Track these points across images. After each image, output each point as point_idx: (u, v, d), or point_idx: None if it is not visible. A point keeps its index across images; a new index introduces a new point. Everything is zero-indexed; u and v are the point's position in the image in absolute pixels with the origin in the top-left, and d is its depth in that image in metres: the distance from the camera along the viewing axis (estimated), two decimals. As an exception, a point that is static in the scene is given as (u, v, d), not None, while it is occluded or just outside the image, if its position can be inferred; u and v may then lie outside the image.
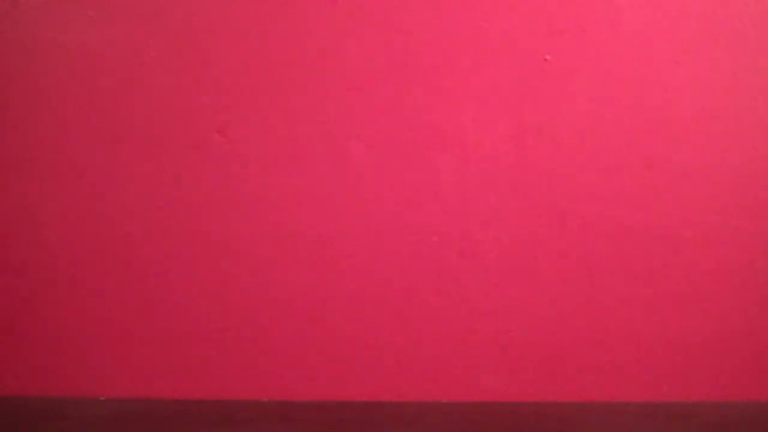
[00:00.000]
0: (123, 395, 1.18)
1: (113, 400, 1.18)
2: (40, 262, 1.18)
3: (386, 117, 1.16)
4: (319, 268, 1.17)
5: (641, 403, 1.15)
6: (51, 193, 1.18)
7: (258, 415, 1.12)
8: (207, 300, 1.18)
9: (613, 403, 1.16)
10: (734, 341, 1.16)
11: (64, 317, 1.18)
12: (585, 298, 1.16)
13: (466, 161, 1.16)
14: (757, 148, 1.15)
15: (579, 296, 1.16)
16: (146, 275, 1.18)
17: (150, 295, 1.18)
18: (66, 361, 1.19)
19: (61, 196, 1.17)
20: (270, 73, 1.16)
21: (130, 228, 1.18)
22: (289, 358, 1.18)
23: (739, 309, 1.16)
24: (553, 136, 1.16)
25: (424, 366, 1.17)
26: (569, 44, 1.15)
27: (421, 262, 1.17)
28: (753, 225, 1.15)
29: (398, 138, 1.16)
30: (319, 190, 1.17)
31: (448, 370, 1.17)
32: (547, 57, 1.15)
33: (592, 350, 1.16)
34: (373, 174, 1.17)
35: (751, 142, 1.15)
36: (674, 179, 1.15)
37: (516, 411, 1.13)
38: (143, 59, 1.16)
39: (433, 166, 1.16)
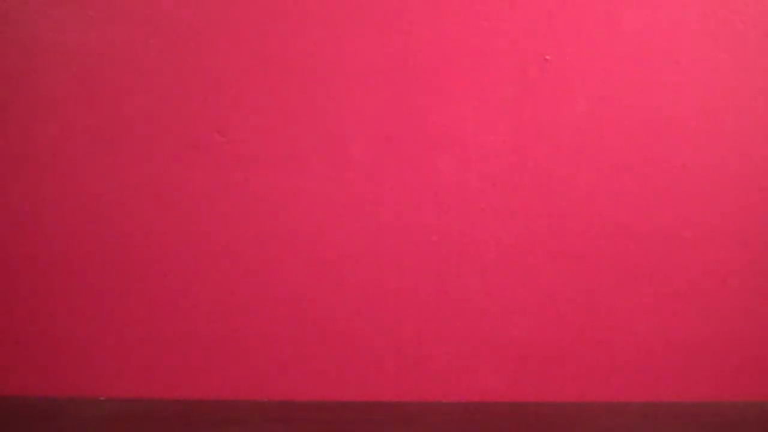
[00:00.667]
0: (123, 395, 1.18)
1: (113, 400, 1.17)
2: (40, 262, 1.18)
3: (386, 117, 1.16)
4: (319, 268, 1.17)
5: (641, 403, 1.15)
6: (51, 193, 1.17)
7: (258, 415, 1.12)
8: (207, 300, 1.18)
9: (613, 403, 1.16)
10: (734, 341, 1.16)
11: (64, 317, 1.18)
12: (585, 298, 1.16)
13: (466, 161, 1.16)
14: (757, 148, 1.15)
15: (579, 296, 1.16)
16: (146, 275, 1.18)
17: (150, 295, 1.18)
18: (66, 361, 1.19)
19: (61, 196, 1.17)
20: (270, 73, 1.16)
21: (129, 228, 1.18)
22: (289, 358, 1.18)
23: (739, 309, 1.16)
24: (553, 136, 1.16)
25: (424, 366, 1.17)
26: (569, 44, 1.15)
27: (421, 262, 1.17)
28: (753, 225, 1.15)
29: (398, 138, 1.16)
30: (319, 190, 1.17)
31: (448, 370, 1.17)
32: (547, 57, 1.15)
33: (592, 350, 1.17)
34: (373, 174, 1.17)
35: (751, 142, 1.15)
36: (674, 179, 1.15)
37: (516, 411, 1.13)
38: (143, 59, 1.16)
39: (433, 166, 1.16)
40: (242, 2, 1.16)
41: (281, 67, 1.16)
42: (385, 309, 1.17)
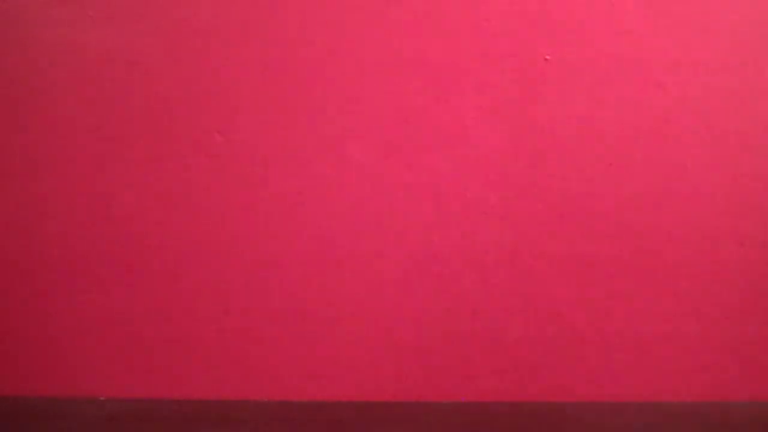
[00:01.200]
0: (123, 395, 1.18)
1: (113, 400, 1.18)
2: (41, 262, 1.18)
3: (386, 117, 1.16)
4: (319, 268, 1.17)
5: (641, 403, 1.15)
6: (51, 193, 1.17)
7: (258, 415, 1.12)
8: (207, 299, 1.18)
9: (613, 403, 1.16)
10: (734, 341, 1.16)
11: (64, 317, 1.18)
12: (585, 298, 1.16)
13: (466, 161, 1.16)
14: (758, 148, 1.15)
15: (579, 296, 1.16)
16: (146, 275, 1.18)
17: (150, 294, 1.18)
18: (66, 361, 1.19)
19: (61, 196, 1.17)
20: (270, 73, 1.16)
21: (129, 228, 1.18)
22: (289, 358, 1.18)
23: (739, 309, 1.16)
24: (553, 136, 1.16)
25: (423, 366, 1.17)
26: (569, 44, 1.15)
27: (421, 262, 1.17)
28: (753, 225, 1.15)
29: (398, 138, 1.16)
30: (319, 190, 1.17)
31: (448, 370, 1.17)
32: (547, 57, 1.15)
33: (592, 350, 1.16)
34: (373, 174, 1.17)
35: (751, 142, 1.15)
36: (674, 179, 1.15)
37: (516, 411, 1.13)
38: (143, 59, 1.16)
39: (433, 166, 1.16)
40: (242, 3, 1.16)
41: (281, 67, 1.16)
42: (385, 309, 1.17)
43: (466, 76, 1.15)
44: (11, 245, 1.18)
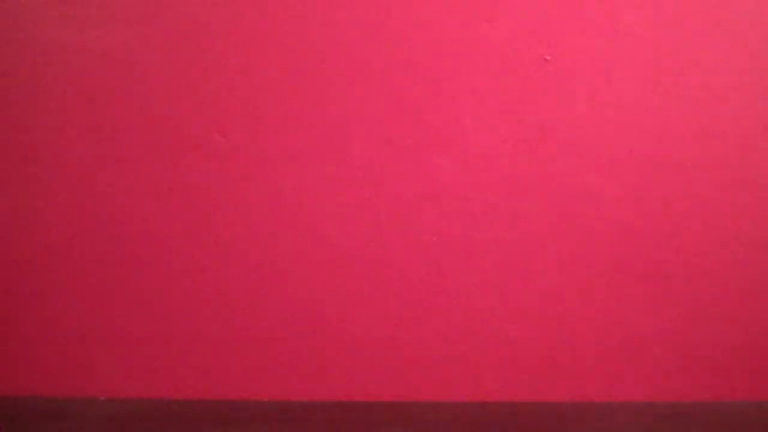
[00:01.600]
0: (123, 395, 1.18)
1: (113, 400, 1.18)
2: (41, 262, 1.18)
3: (386, 117, 1.16)
4: (319, 268, 1.17)
5: (641, 403, 1.15)
6: (51, 193, 1.18)
7: (258, 415, 1.12)
8: (207, 300, 1.18)
9: (613, 403, 1.16)
10: (734, 341, 1.16)
11: (64, 317, 1.18)
12: (585, 298, 1.16)
13: (466, 161, 1.16)
14: (757, 148, 1.15)
15: (579, 296, 1.16)
16: (147, 275, 1.18)
17: (150, 294, 1.18)
18: (66, 361, 1.19)
19: (61, 196, 1.17)
20: (270, 74, 1.16)
21: (130, 228, 1.18)
22: (289, 358, 1.18)
23: (739, 309, 1.16)
24: (553, 136, 1.16)
25: (424, 366, 1.17)
26: (569, 44, 1.15)
27: (421, 262, 1.17)
28: (753, 225, 1.15)
29: (398, 138, 1.16)
30: (319, 190, 1.17)
31: (448, 370, 1.17)
32: (547, 57, 1.15)
33: (592, 350, 1.16)
34: (373, 174, 1.17)
35: (751, 142, 1.15)
36: (674, 179, 1.15)
37: (516, 411, 1.13)
38: (144, 59, 1.16)
39: (433, 166, 1.16)
40: (242, 3, 1.16)
41: (282, 67, 1.16)
42: (385, 309, 1.17)
43: (467, 76, 1.15)
44: (11, 245, 1.18)
